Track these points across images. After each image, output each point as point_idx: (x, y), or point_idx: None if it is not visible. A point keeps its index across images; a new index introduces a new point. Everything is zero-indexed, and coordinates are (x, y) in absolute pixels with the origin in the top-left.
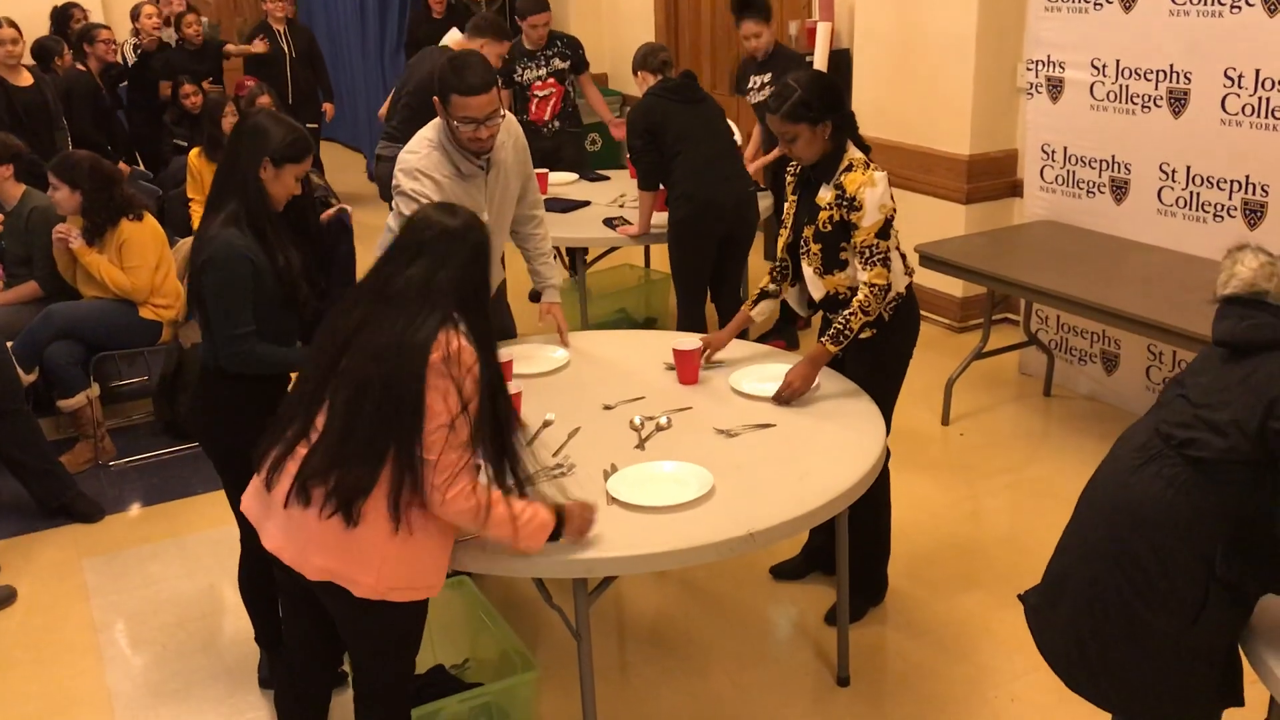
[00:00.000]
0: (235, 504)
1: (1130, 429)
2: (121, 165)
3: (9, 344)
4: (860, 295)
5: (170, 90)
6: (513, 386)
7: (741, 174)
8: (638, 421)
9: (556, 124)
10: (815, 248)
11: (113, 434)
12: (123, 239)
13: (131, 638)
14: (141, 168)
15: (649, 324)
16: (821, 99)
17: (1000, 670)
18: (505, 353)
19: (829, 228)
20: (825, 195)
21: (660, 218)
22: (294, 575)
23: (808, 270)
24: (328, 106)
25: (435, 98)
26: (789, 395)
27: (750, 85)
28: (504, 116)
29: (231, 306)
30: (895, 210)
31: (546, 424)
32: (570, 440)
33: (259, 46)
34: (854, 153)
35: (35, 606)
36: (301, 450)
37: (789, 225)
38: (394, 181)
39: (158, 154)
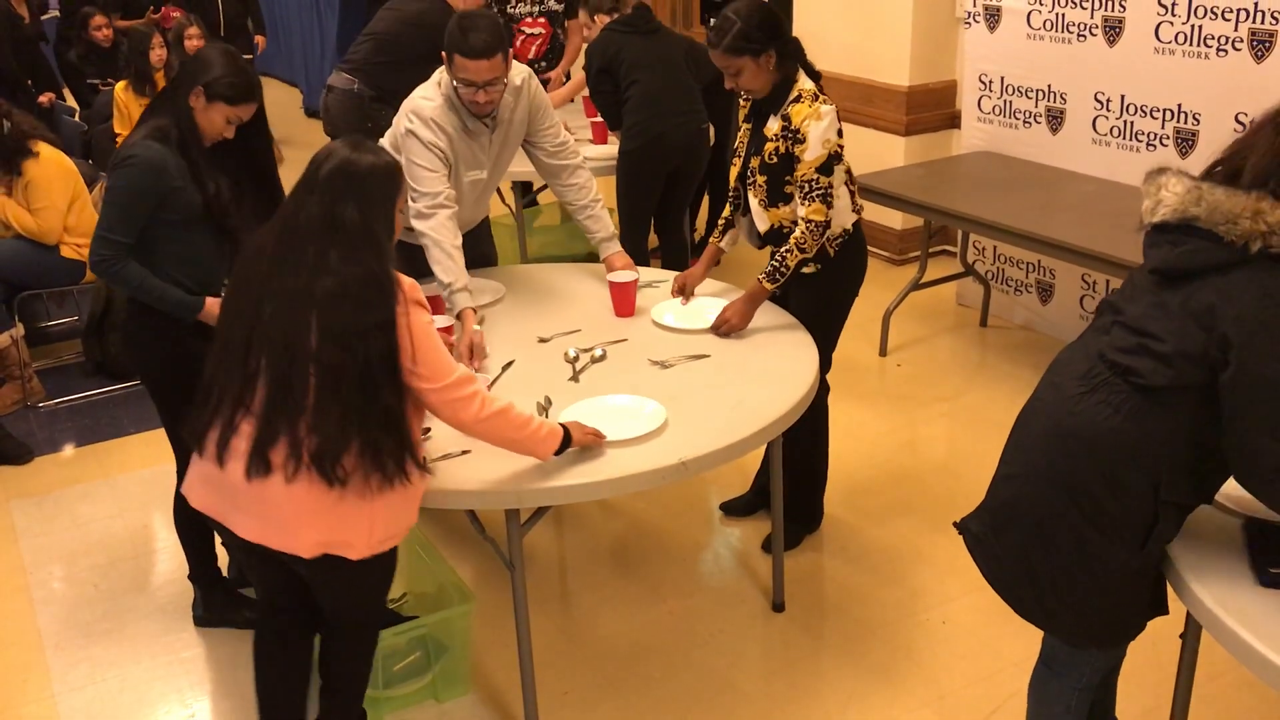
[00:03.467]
0: (172, 434)
1: (1065, 356)
2: (42, 98)
3: None
4: (797, 231)
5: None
6: (445, 320)
7: (695, 109)
8: (572, 354)
9: (543, 64)
10: (760, 179)
11: (42, 375)
12: (28, 180)
13: (62, 579)
14: (69, 102)
15: (590, 258)
16: (761, 28)
17: (933, 594)
18: (434, 286)
19: (774, 160)
20: (773, 126)
21: (610, 149)
22: (269, 558)
23: (753, 202)
24: (259, 39)
25: (444, 52)
26: (726, 331)
27: None
28: (506, 83)
29: (116, 209)
30: (842, 146)
31: (508, 365)
32: (504, 373)
33: None
34: (804, 83)
35: None
36: (244, 424)
37: (740, 155)
38: (404, 122)
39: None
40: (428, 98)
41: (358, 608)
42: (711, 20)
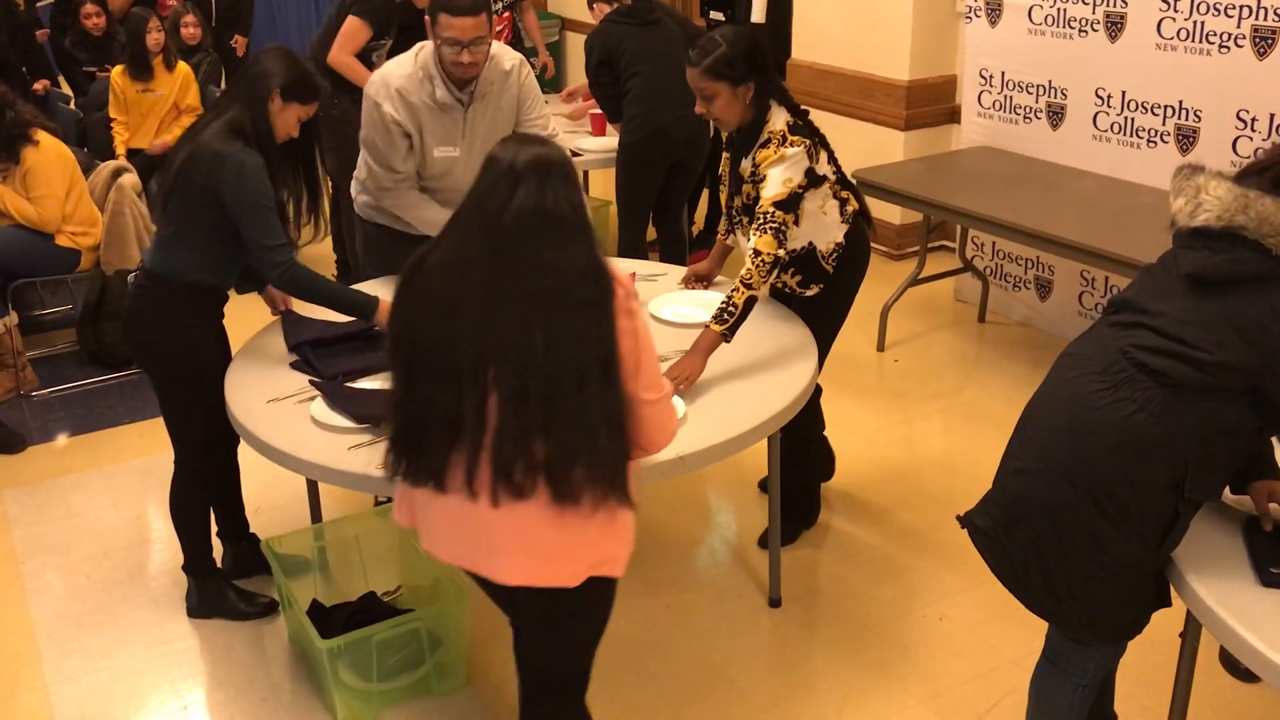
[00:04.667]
0: (173, 423)
1: (1077, 350)
2: (37, 86)
3: None
4: (745, 267)
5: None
6: None
7: (695, 100)
8: None
9: None
10: (744, 220)
11: (36, 364)
12: (26, 168)
13: (55, 569)
14: (65, 90)
15: None
16: (747, 58)
17: (930, 590)
18: None
19: (751, 201)
20: (746, 166)
21: (610, 141)
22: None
23: (742, 241)
24: (240, 40)
25: (426, 16)
26: (686, 386)
27: None
28: (489, 47)
29: (266, 213)
30: (805, 184)
31: None
32: None
33: None
34: (775, 122)
35: None
36: (484, 449)
37: (725, 182)
38: (370, 92)
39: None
40: (399, 65)
41: (570, 660)
42: (712, 12)
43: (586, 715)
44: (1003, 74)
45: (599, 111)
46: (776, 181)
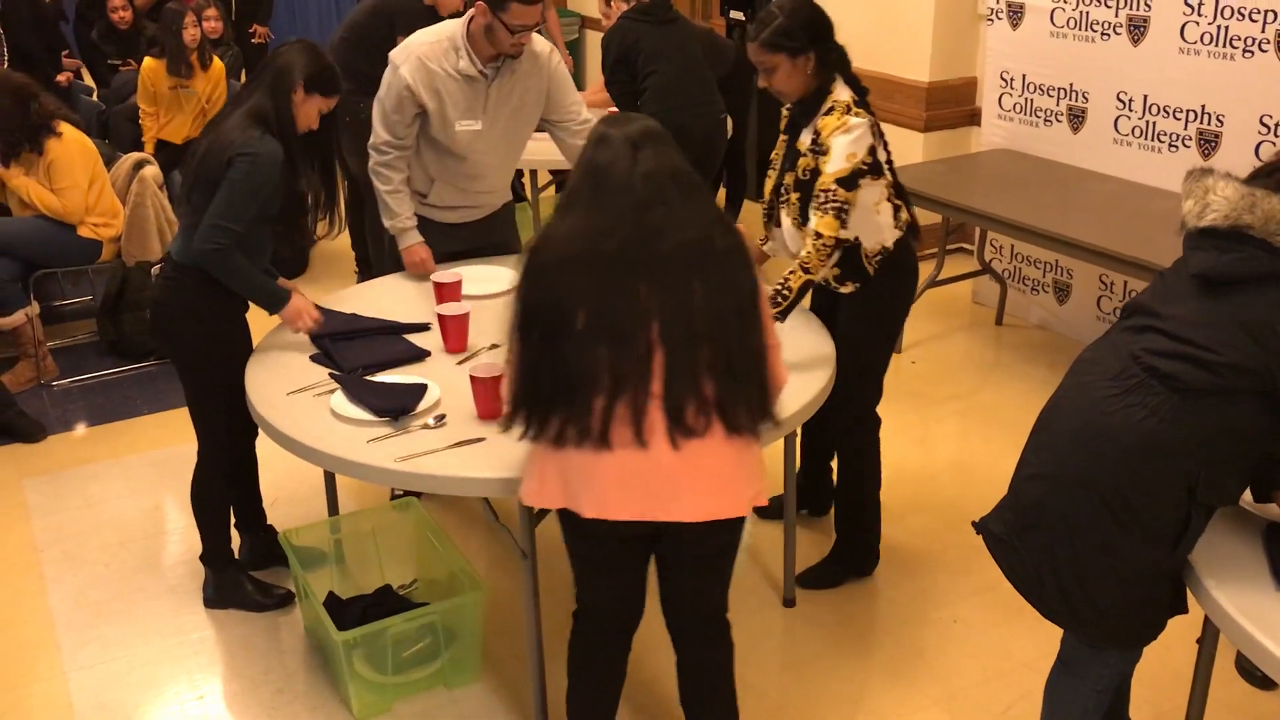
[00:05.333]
0: (199, 413)
1: (1092, 355)
2: (61, 77)
3: None
4: (805, 249)
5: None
6: (461, 307)
7: (713, 100)
8: None
9: None
10: (794, 196)
11: (56, 354)
12: (50, 159)
13: (73, 558)
14: (87, 81)
15: None
16: (805, 28)
17: (945, 592)
18: (453, 273)
19: (806, 176)
20: (805, 140)
21: None
22: (638, 557)
23: (786, 221)
24: (260, 29)
25: (481, 1)
26: None
27: None
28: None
29: (239, 198)
30: (870, 163)
31: (495, 347)
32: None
33: None
34: (840, 93)
35: None
36: (652, 400)
37: (775, 167)
38: (391, 55)
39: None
40: (425, 34)
41: (724, 586)
42: (731, 12)
43: None
44: (1024, 76)
45: (615, 110)
46: (840, 155)
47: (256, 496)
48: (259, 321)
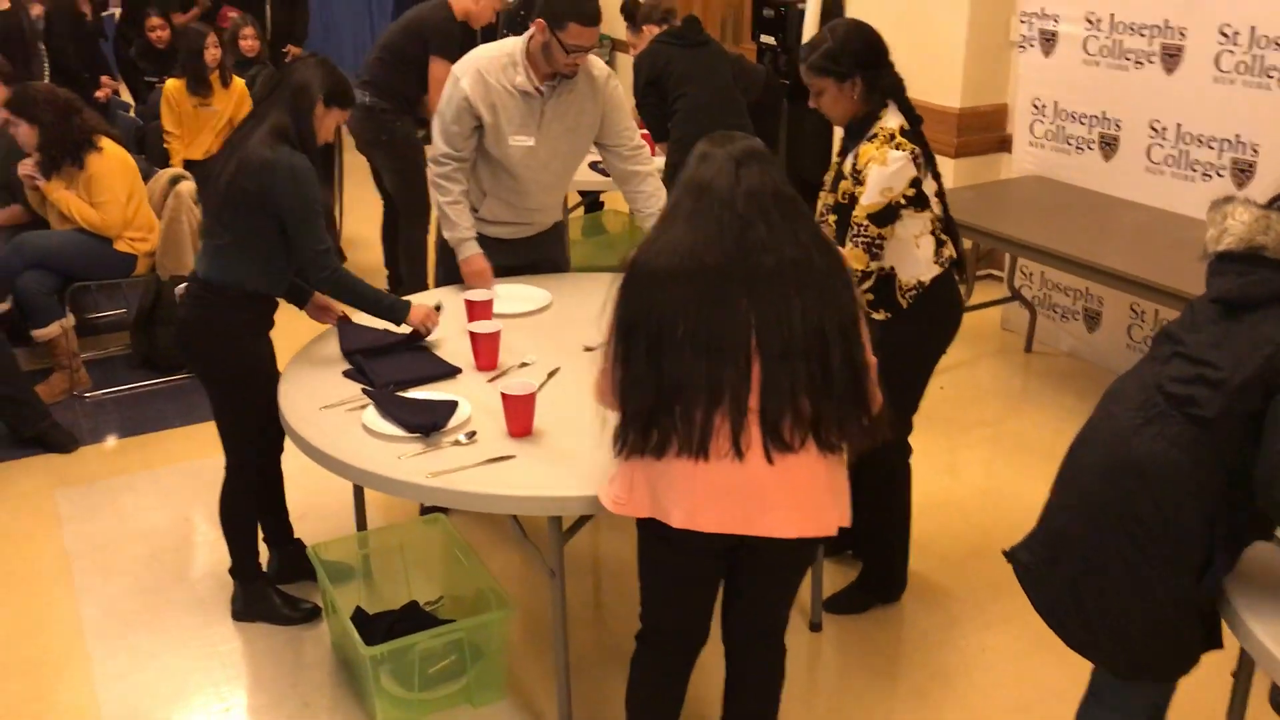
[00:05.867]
0: (227, 429)
1: (1119, 386)
2: (100, 93)
3: None
4: None
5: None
6: (492, 325)
7: (742, 123)
8: None
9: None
10: (831, 219)
11: (89, 366)
12: (90, 173)
13: (104, 568)
14: (124, 98)
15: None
16: (854, 54)
17: (972, 619)
18: (485, 292)
19: (845, 200)
20: (848, 164)
21: (658, 161)
22: (710, 574)
23: None
24: (294, 50)
25: (540, 18)
26: None
27: None
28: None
29: (313, 218)
30: (911, 196)
31: (525, 365)
32: (549, 380)
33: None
34: (888, 120)
35: (7, 535)
36: (750, 414)
37: (827, 188)
38: (455, 67)
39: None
40: (488, 48)
41: (789, 603)
42: (762, 36)
43: None
44: (1056, 104)
45: (645, 132)
46: (874, 188)
47: (284, 510)
48: (293, 337)
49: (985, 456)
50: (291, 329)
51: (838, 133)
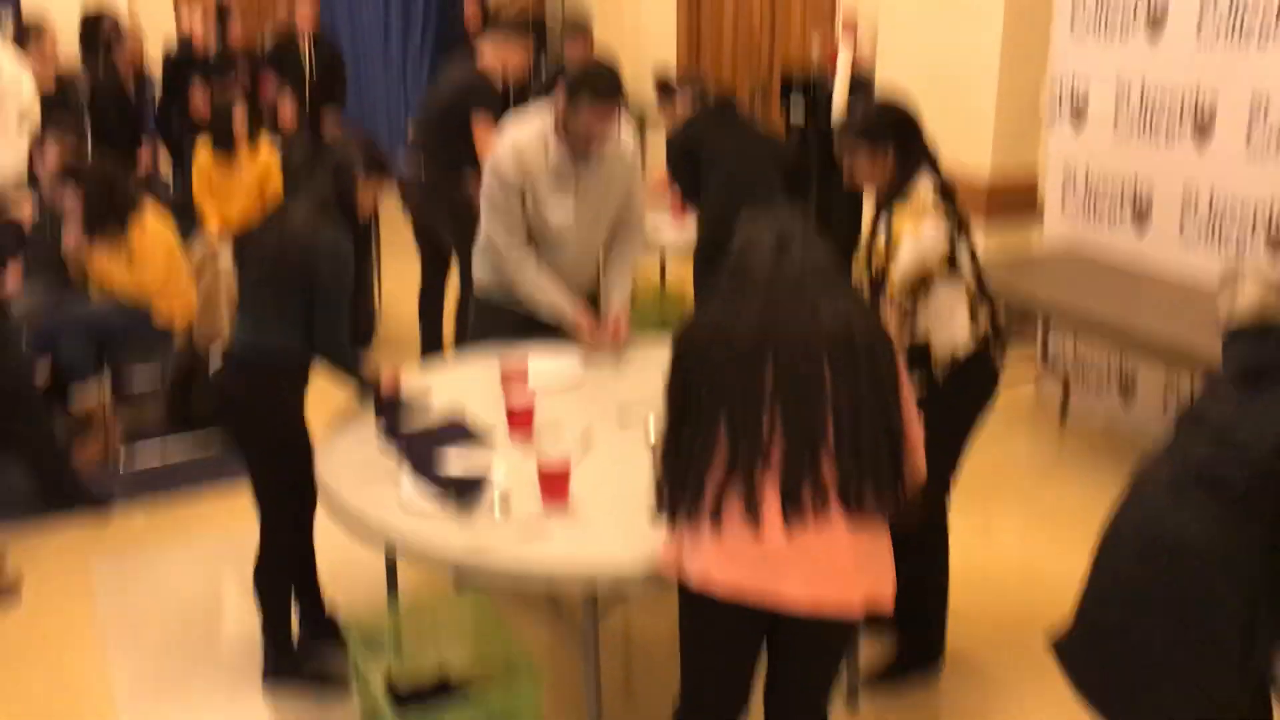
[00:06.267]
0: (264, 498)
1: (1149, 466)
2: (141, 164)
3: None
4: None
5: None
6: (527, 394)
7: (773, 194)
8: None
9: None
10: (865, 288)
11: (124, 433)
12: (132, 242)
13: (136, 634)
14: (165, 168)
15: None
16: (889, 124)
17: (1011, 698)
18: (519, 361)
19: (878, 270)
20: (881, 234)
21: (688, 233)
22: (750, 648)
23: None
24: (333, 130)
25: (561, 92)
26: None
27: None
28: (619, 133)
29: (344, 302)
30: (941, 269)
31: (560, 435)
32: (585, 449)
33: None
34: (922, 191)
35: (40, 601)
36: (767, 480)
37: (860, 258)
38: (494, 151)
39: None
40: (521, 127)
41: (830, 688)
42: (791, 108)
43: None
44: (1087, 174)
45: (677, 192)
46: (907, 259)
47: (316, 579)
48: (328, 404)
49: (1021, 529)
50: (327, 396)
51: (869, 202)
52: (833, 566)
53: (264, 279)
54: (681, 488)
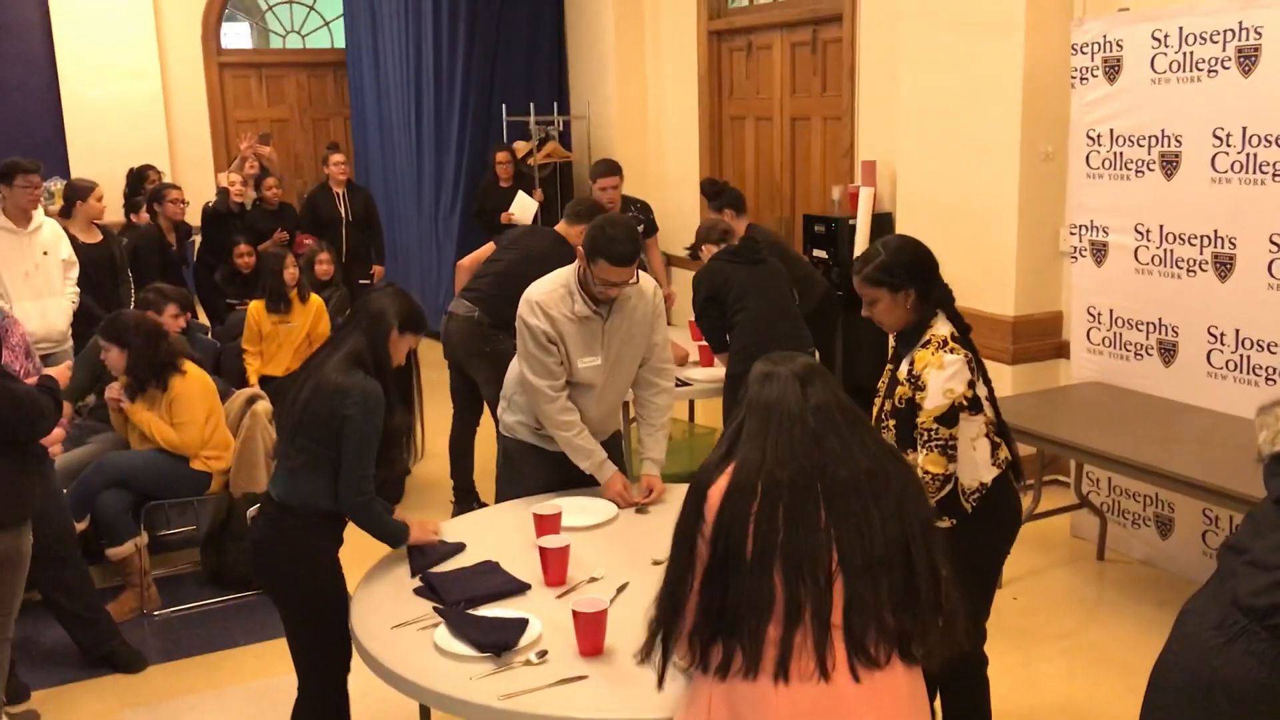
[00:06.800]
0: (301, 648)
1: (1194, 604)
2: (180, 318)
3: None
4: None
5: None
6: (560, 540)
7: (800, 334)
8: None
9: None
10: (891, 423)
11: (158, 582)
12: (173, 395)
13: None
14: (203, 321)
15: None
16: (906, 267)
17: None
18: (553, 504)
19: (903, 404)
20: (903, 370)
21: (717, 371)
22: None
23: None
24: (377, 269)
25: (581, 248)
26: None
27: None
28: (637, 281)
29: (371, 447)
30: (969, 398)
31: (594, 580)
32: (619, 595)
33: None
34: (939, 328)
35: None
36: (833, 630)
37: (882, 394)
38: (519, 310)
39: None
40: (542, 284)
41: None
42: (815, 250)
43: None
44: (1111, 311)
45: (704, 344)
46: (937, 391)
47: None
48: (363, 554)
49: (1064, 670)
50: (361, 545)
51: (891, 339)
52: (897, 710)
53: (295, 427)
54: (714, 642)
